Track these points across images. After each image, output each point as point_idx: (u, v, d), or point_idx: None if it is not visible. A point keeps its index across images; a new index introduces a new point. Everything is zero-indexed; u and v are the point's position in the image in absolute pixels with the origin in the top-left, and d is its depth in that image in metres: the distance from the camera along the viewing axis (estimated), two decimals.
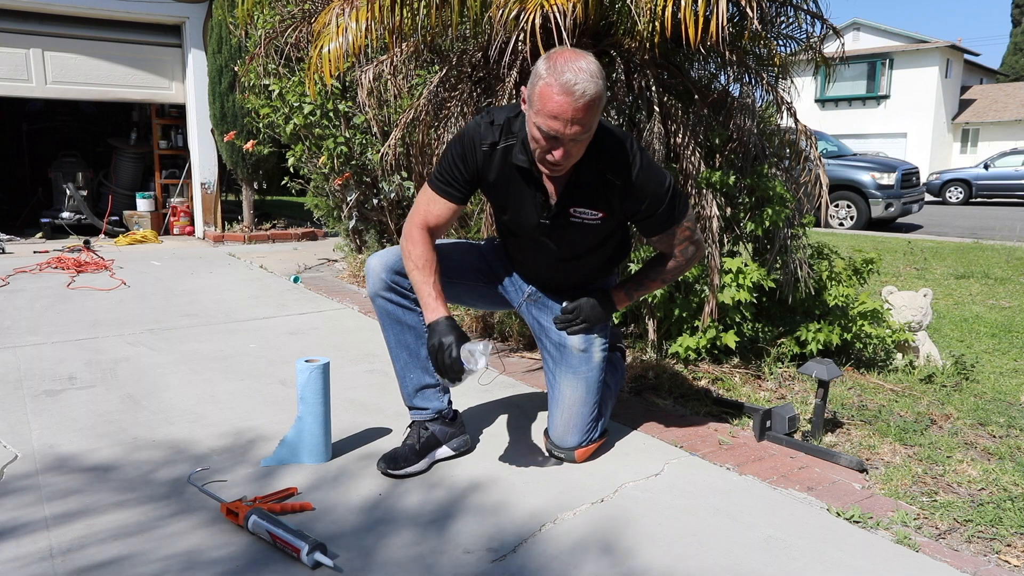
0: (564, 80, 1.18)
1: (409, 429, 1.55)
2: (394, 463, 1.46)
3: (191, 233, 5.70)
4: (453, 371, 1.30)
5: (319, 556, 1.14)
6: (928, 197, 11.64)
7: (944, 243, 6.14)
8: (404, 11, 2.00)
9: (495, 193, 1.44)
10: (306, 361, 1.51)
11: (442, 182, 1.40)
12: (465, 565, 1.16)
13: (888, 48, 19.06)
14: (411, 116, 2.41)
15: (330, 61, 2.02)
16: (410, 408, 1.55)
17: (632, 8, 1.81)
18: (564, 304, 1.54)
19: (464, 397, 1.94)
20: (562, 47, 1.27)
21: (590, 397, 1.53)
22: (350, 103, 3.51)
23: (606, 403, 1.60)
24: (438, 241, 1.48)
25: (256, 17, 3.80)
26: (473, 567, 1.16)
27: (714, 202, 2.08)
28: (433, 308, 1.35)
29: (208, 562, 1.16)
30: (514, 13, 1.76)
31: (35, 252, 4.54)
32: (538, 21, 1.70)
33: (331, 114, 3.56)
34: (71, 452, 1.56)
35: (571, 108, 1.19)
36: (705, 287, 2.08)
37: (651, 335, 2.25)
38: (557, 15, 1.69)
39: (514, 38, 1.82)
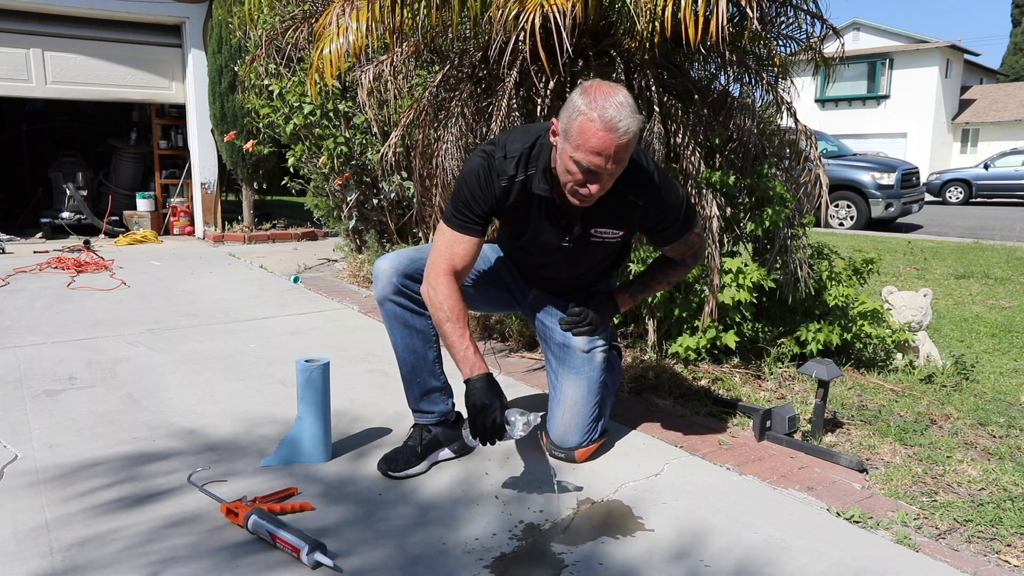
0: (608, 117, 1.18)
1: (412, 430, 1.55)
2: (395, 464, 1.46)
3: (191, 233, 5.70)
4: (491, 435, 1.26)
5: (319, 556, 1.14)
6: (928, 197, 11.63)
7: (944, 243, 6.14)
8: (404, 11, 2.00)
9: (513, 220, 1.43)
10: (306, 361, 1.51)
11: (463, 219, 1.36)
12: (465, 565, 1.16)
13: (888, 48, 19.06)
14: (411, 116, 2.41)
15: (331, 62, 2.02)
16: (415, 411, 1.55)
17: (631, 8, 1.81)
18: (571, 306, 1.54)
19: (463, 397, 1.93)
20: (596, 80, 1.26)
21: (591, 397, 1.53)
22: (350, 103, 3.51)
23: (605, 403, 1.60)
24: (428, 244, 1.49)
25: (256, 17, 3.80)
26: (473, 567, 1.16)
27: (714, 202, 2.08)
28: (473, 363, 1.29)
29: (208, 562, 1.16)
30: (514, 13, 1.76)
31: (35, 252, 4.54)
32: (538, 21, 1.70)
33: (331, 114, 3.56)
34: (71, 452, 1.56)
35: (614, 145, 1.19)
36: (705, 287, 2.08)
37: (651, 335, 2.25)
38: (557, 15, 1.69)
39: (514, 38, 1.82)
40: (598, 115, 1.18)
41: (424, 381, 1.51)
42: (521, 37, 1.80)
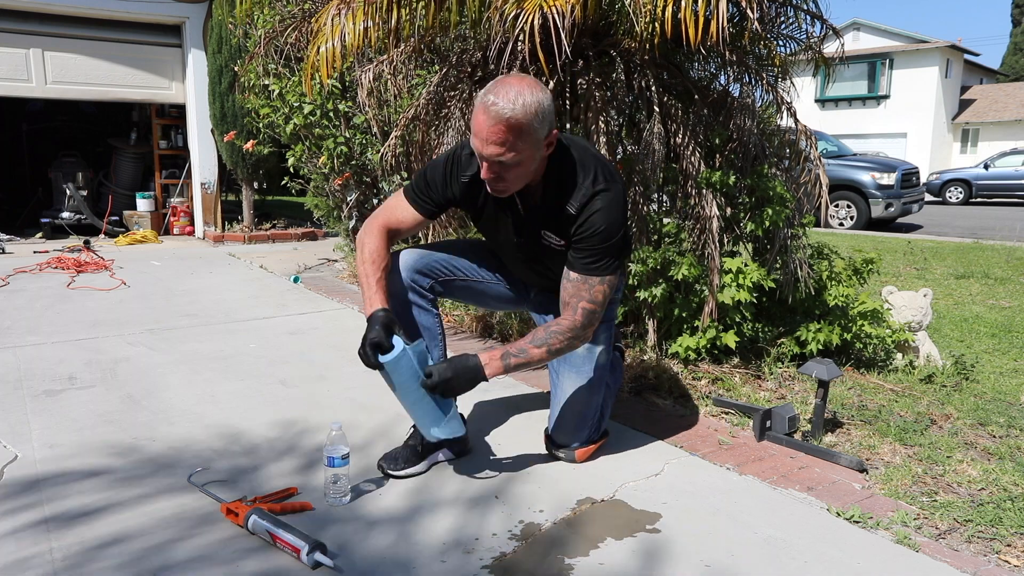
0: (488, 102, 1.19)
1: (412, 430, 1.55)
2: (395, 464, 1.46)
3: (191, 233, 5.70)
4: (364, 357, 1.28)
5: (319, 556, 1.14)
6: (928, 197, 11.63)
7: (944, 243, 6.13)
8: (402, 12, 2.00)
9: (474, 216, 1.47)
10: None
11: (418, 193, 1.42)
12: (465, 565, 1.16)
13: (888, 48, 19.06)
14: (411, 116, 2.41)
15: (327, 61, 2.01)
16: None
17: (631, 9, 1.81)
18: (426, 371, 1.32)
19: (463, 397, 1.94)
20: (511, 74, 1.28)
21: (592, 398, 1.53)
22: (350, 103, 3.51)
23: (607, 403, 1.60)
24: (459, 239, 1.49)
25: (256, 17, 3.80)
26: (473, 566, 1.16)
27: (714, 202, 2.08)
28: (370, 301, 1.33)
29: (208, 562, 1.16)
30: (513, 14, 1.76)
31: (35, 252, 4.54)
32: (537, 22, 1.70)
33: (331, 114, 3.55)
34: (71, 452, 1.56)
35: (486, 128, 1.19)
36: (705, 287, 2.08)
37: (651, 335, 2.25)
38: (555, 16, 1.69)
39: (513, 38, 1.82)
40: (481, 102, 1.20)
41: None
42: (520, 38, 1.80)
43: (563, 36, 1.68)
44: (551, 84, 2.10)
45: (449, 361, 1.33)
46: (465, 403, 1.89)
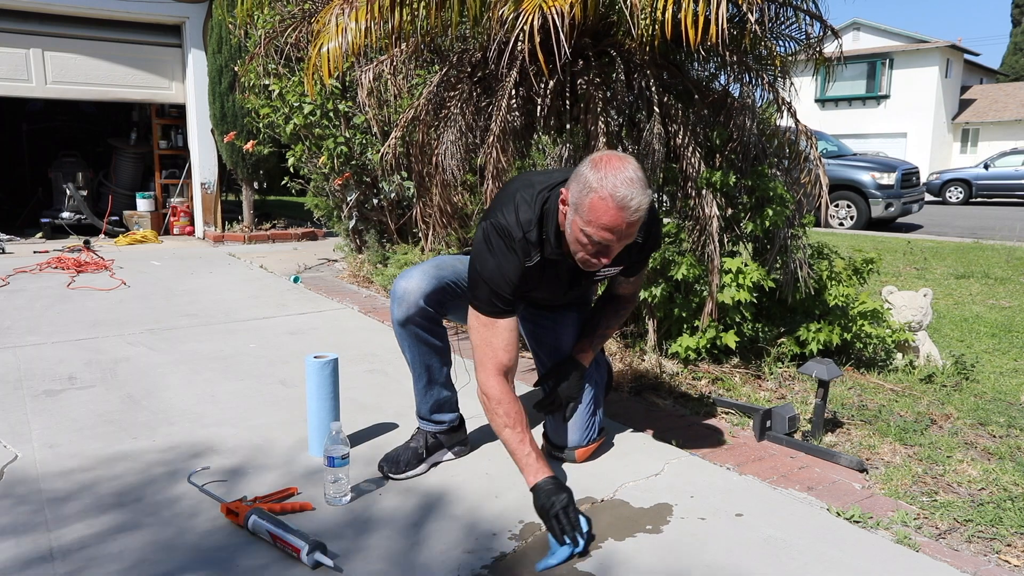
0: (620, 196, 1.16)
1: (416, 431, 1.54)
2: (396, 466, 1.46)
3: (191, 233, 5.70)
4: (573, 527, 1.18)
5: (319, 556, 1.14)
6: (928, 197, 11.63)
7: (944, 243, 6.13)
8: (404, 12, 2.00)
9: (526, 283, 1.38)
10: (315, 357, 1.52)
11: (501, 303, 1.30)
12: (465, 565, 1.16)
13: (888, 48, 19.05)
14: (411, 116, 2.41)
15: (329, 60, 2.02)
16: (424, 420, 1.54)
17: (628, 12, 1.81)
18: (543, 392, 1.47)
19: (465, 397, 1.94)
20: (607, 152, 1.23)
21: (587, 394, 1.53)
22: (350, 103, 3.51)
23: (599, 399, 1.60)
24: (440, 257, 1.47)
25: (256, 17, 3.80)
26: (473, 567, 1.16)
27: (714, 202, 2.08)
28: (535, 467, 1.26)
29: (208, 562, 1.16)
30: (513, 14, 1.76)
31: (35, 252, 4.54)
32: (536, 23, 1.70)
33: (331, 114, 3.55)
34: (71, 452, 1.56)
35: (626, 223, 1.18)
36: (705, 287, 2.08)
37: (651, 335, 2.25)
38: (555, 16, 1.69)
39: (513, 38, 1.82)
40: (609, 193, 1.16)
41: (438, 393, 1.52)
42: (520, 37, 1.80)
43: (562, 37, 1.68)
44: (551, 84, 2.10)
45: (556, 369, 1.48)
46: (465, 403, 1.89)
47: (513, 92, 2.06)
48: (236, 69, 4.40)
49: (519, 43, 1.89)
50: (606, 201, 1.17)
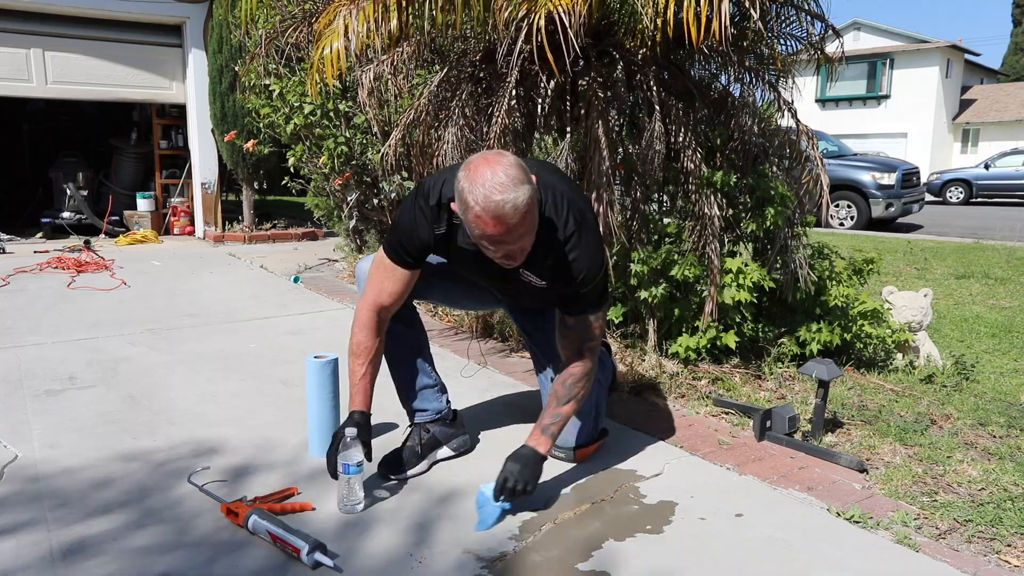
0: (492, 207, 1.12)
1: (410, 430, 1.55)
2: (396, 466, 1.47)
3: (191, 233, 5.70)
4: (330, 465, 1.31)
5: (319, 556, 1.14)
6: (928, 197, 11.60)
7: (944, 243, 6.13)
8: (408, 13, 2.00)
9: (453, 262, 1.42)
10: (315, 357, 1.53)
11: (397, 254, 1.33)
12: (465, 565, 1.16)
13: (889, 48, 19.04)
14: (412, 116, 2.41)
15: (332, 62, 2.02)
16: (411, 411, 1.55)
17: (638, 7, 1.81)
18: (492, 489, 1.30)
19: (464, 397, 1.94)
20: (476, 155, 1.19)
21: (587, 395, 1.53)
22: (350, 103, 3.51)
23: (601, 400, 1.60)
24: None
25: (257, 17, 3.80)
26: (473, 567, 1.16)
27: (715, 202, 2.08)
28: (354, 398, 1.36)
29: (208, 562, 1.16)
30: (522, 13, 1.76)
31: (36, 252, 4.54)
32: (543, 23, 1.70)
33: (331, 114, 3.55)
34: (72, 452, 1.56)
35: (508, 227, 1.14)
36: (705, 287, 2.08)
37: (651, 335, 2.25)
38: (562, 15, 1.69)
39: (521, 37, 1.82)
40: (483, 208, 1.13)
41: (415, 379, 1.52)
42: (524, 37, 1.80)
43: (572, 36, 1.68)
44: (552, 83, 2.10)
45: (517, 466, 1.30)
46: (465, 403, 1.89)
47: (514, 92, 2.06)
48: (236, 69, 4.40)
49: (519, 42, 1.88)
50: (482, 217, 1.14)
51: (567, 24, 1.67)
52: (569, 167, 2.14)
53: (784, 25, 2.31)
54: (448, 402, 1.57)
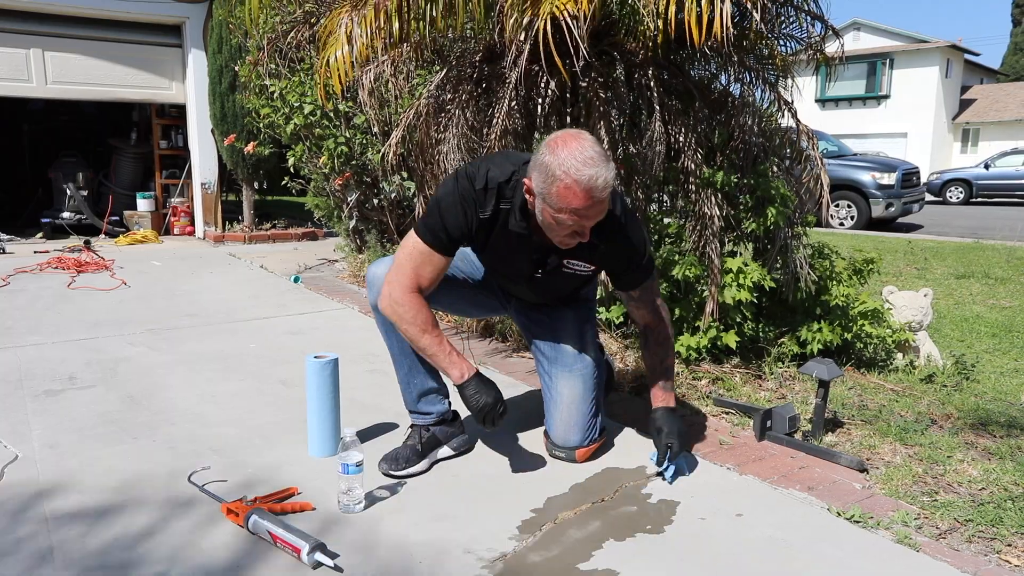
0: (584, 179, 1.18)
1: (410, 430, 1.55)
2: (396, 464, 1.47)
3: (191, 233, 5.70)
4: (497, 421, 1.37)
5: (319, 556, 1.14)
6: (928, 197, 11.60)
7: (944, 243, 6.13)
8: (411, 18, 2.00)
9: (487, 251, 1.43)
10: (315, 357, 1.53)
11: (436, 238, 1.33)
12: (465, 565, 1.16)
13: (888, 48, 19.05)
14: (412, 116, 2.41)
15: (337, 70, 2.02)
16: (413, 413, 1.55)
17: (640, 7, 1.81)
18: (658, 448, 1.47)
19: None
20: (559, 133, 1.25)
21: (588, 394, 1.53)
22: (350, 103, 3.51)
23: (600, 399, 1.60)
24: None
25: (257, 18, 3.80)
26: (473, 567, 1.16)
27: (715, 202, 2.08)
28: (459, 364, 1.36)
29: (208, 561, 1.16)
30: (527, 19, 1.77)
31: (35, 252, 4.54)
32: (549, 27, 1.70)
33: (331, 114, 3.56)
34: (72, 452, 1.56)
35: (596, 201, 1.21)
36: (706, 287, 2.08)
37: None
38: (567, 19, 1.69)
39: (522, 37, 1.82)
40: (574, 178, 1.18)
41: (422, 382, 1.52)
42: (526, 38, 1.80)
43: (579, 40, 1.68)
44: (552, 84, 2.10)
45: (665, 428, 1.46)
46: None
47: (514, 93, 2.06)
48: (236, 69, 4.40)
49: (518, 43, 1.88)
50: (572, 188, 1.19)
51: (572, 27, 1.68)
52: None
53: (784, 25, 2.31)
54: (450, 404, 1.58)
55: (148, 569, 1.14)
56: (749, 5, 1.77)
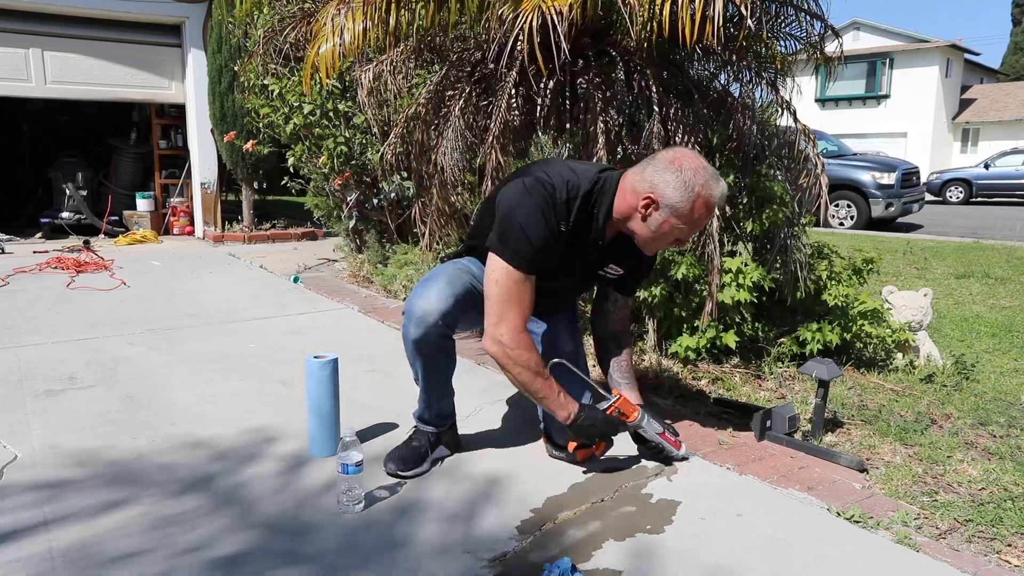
0: (719, 192, 1.31)
1: (414, 430, 1.55)
2: (403, 464, 1.46)
3: (191, 233, 5.70)
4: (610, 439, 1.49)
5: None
6: (928, 197, 11.58)
7: (944, 243, 6.13)
8: (401, 12, 2.00)
9: (551, 258, 1.36)
10: (315, 357, 1.52)
11: (531, 261, 1.28)
12: (465, 565, 1.16)
13: (888, 48, 19.04)
14: (411, 115, 2.41)
15: (327, 62, 2.01)
16: (426, 423, 1.53)
17: (628, 14, 1.81)
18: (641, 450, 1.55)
19: (465, 397, 1.94)
20: (675, 151, 1.36)
21: (584, 397, 1.53)
22: (350, 103, 3.51)
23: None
24: (447, 268, 1.44)
25: (256, 17, 3.79)
26: (473, 567, 1.16)
27: None
28: (567, 404, 1.38)
29: (207, 560, 1.16)
30: (512, 15, 1.76)
31: (35, 252, 4.54)
32: (536, 23, 1.70)
33: (331, 114, 3.55)
34: (71, 452, 1.56)
35: (708, 217, 1.35)
36: (705, 287, 2.08)
37: (651, 335, 2.25)
38: (553, 16, 1.69)
39: (512, 38, 1.82)
40: (709, 193, 1.30)
41: (447, 404, 1.53)
42: (519, 38, 1.79)
43: (562, 37, 1.68)
44: (551, 84, 2.10)
45: (593, 413, 1.43)
46: (466, 403, 1.89)
47: (513, 92, 2.06)
48: (236, 69, 4.39)
49: (519, 43, 1.88)
50: (708, 202, 1.31)
51: (558, 26, 1.67)
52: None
53: (783, 25, 2.30)
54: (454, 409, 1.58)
55: (148, 568, 1.14)
56: (740, 3, 1.76)
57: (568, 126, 2.21)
